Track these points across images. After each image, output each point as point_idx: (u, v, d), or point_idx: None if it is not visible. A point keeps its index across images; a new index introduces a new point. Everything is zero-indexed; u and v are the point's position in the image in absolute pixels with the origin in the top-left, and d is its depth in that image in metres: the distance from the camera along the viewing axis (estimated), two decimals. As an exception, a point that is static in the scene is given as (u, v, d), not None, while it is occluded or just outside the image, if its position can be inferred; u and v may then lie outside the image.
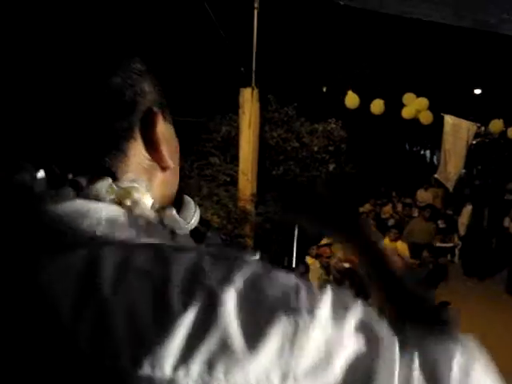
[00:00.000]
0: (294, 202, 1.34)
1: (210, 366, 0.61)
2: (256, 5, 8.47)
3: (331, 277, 10.34)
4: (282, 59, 11.74)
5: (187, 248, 0.73)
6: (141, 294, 0.64)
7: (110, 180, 0.78)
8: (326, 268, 10.14)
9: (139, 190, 0.81)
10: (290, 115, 11.08)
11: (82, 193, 0.75)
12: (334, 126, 11.58)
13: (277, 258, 9.18)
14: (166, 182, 0.91)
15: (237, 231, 8.38)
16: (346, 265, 11.46)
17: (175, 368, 0.61)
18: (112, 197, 0.77)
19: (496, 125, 10.75)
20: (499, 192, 17.93)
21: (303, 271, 9.75)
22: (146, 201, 0.82)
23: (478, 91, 24.12)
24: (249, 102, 8.86)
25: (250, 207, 8.92)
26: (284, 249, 9.67)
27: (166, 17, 10.04)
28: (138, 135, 0.83)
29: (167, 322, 0.62)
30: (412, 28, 12.69)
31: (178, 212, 1.17)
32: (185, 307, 0.63)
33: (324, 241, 11.01)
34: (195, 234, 1.28)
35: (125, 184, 0.80)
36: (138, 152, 0.84)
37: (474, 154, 21.28)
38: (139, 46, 0.88)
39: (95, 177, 0.77)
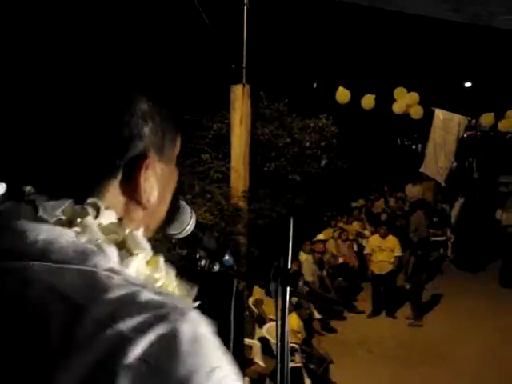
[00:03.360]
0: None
1: None
2: (246, 1, 8.45)
3: (324, 272, 10.36)
4: (272, 55, 11.71)
5: (120, 282, 0.72)
6: (55, 320, 0.66)
7: (68, 201, 0.79)
8: (319, 263, 10.16)
9: (95, 213, 0.81)
10: (281, 111, 11.08)
11: (38, 212, 0.78)
12: (325, 121, 11.60)
13: (271, 254, 9.19)
14: (146, 218, 0.92)
15: (230, 228, 8.37)
16: (340, 259, 11.50)
17: None
18: (61, 217, 0.78)
19: (487, 118, 10.76)
20: (491, 185, 18.01)
21: (296, 268, 9.79)
22: (105, 221, 0.82)
23: (468, 84, 24.18)
24: (240, 98, 8.84)
25: (242, 204, 8.91)
26: (278, 245, 9.68)
27: (156, 14, 10.00)
28: (120, 174, 0.85)
29: (70, 352, 0.64)
30: (402, 23, 12.69)
31: (175, 217, 1.17)
32: (90, 344, 0.64)
33: (318, 236, 11.04)
34: (191, 238, 1.28)
35: (82, 205, 0.80)
36: (115, 188, 0.85)
37: (465, 148, 21.34)
38: (146, 78, 0.89)
39: (55, 197, 0.79)
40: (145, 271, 0.82)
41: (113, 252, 0.78)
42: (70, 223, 0.78)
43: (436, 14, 4.47)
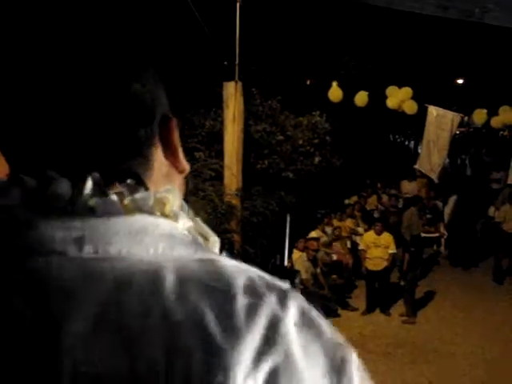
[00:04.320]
0: None
1: (275, 379, 0.65)
2: (238, -2, 8.45)
3: (318, 269, 10.36)
4: (265, 52, 11.70)
5: (234, 266, 0.73)
6: (207, 308, 0.66)
7: (151, 192, 0.77)
8: (312, 261, 10.16)
9: (173, 199, 0.79)
10: (274, 108, 11.07)
11: (128, 204, 0.74)
12: (318, 118, 11.59)
13: (266, 252, 9.20)
14: (181, 185, 0.91)
15: (223, 226, 8.37)
16: (334, 257, 11.50)
17: (245, 378, 0.63)
18: (158, 207, 0.76)
19: (479, 115, 10.78)
20: (484, 181, 18.07)
21: (290, 265, 9.78)
22: (178, 208, 0.80)
23: (461, 81, 24.24)
24: (232, 95, 8.84)
25: (235, 202, 8.90)
26: (273, 243, 9.68)
27: (148, 11, 9.97)
28: (158, 141, 0.83)
29: (236, 335, 0.64)
30: (395, 19, 12.71)
31: None
32: (251, 323, 0.66)
33: (312, 234, 11.04)
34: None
35: (160, 194, 0.78)
36: (158, 158, 0.83)
37: (458, 144, 21.40)
38: (154, 50, 0.88)
39: (132, 186, 0.76)
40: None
41: (201, 239, 0.81)
42: (165, 213, 0.77)
43: (427, 11, 4.46)
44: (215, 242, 0.84)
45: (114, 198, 0.73)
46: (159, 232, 0.72)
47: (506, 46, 14.79)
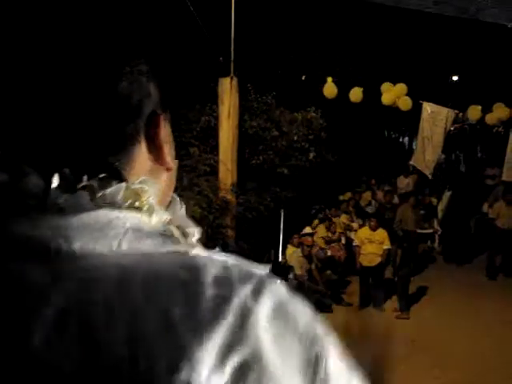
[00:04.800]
0: None
1: (243, 374, 0.64)
2: (233, -6, 8.45)
3: (313, 265, 10.38)
4: (260, 48, 11.70)
5: (208, 257, 0.73)
6: (174, 302, 0.65)
7: (123, 184, 0.77)
8: (307, 257, 10.17)
9: (147, 192, 0.79)
10: (269, 104, 11.07)
11: (98, 199, 0.74)
12: (313, 114, 11.60)
13: (260, 247, 9.21)
14: (168, 183, 0.91)
15: (218, 221, 8.37)
16: (329, 252, 11.52)
17: (210, 374, 0.63)
18: (129, 201, 0.76)
19: (474, 111, 10.81)
20: (478, 178, 18.10)
21: (284, 261, 9.79)
22: (154, 201, 0.80)
23: (455, 78, 24.24)
24: (228, 91, 8.84)
25: (230, 197, 8.91)
26: (267, 238, 9.69)
27: (143, 7, 9.95)
28: (142, 138, 0.83)
29: (202, 330, 0.64)
30: (390, 16, 12.72)
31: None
32: (219, 316, 0.65)
33: (306, 230, 11.05)
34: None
35: (135, 185, 0.78)
36: (142, 155, 0.83)
37: (452, 141, 21.41)
38: (143, 44, 0.88)
39: (105, 180, 0.76)
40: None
41: (177, 232, 0.80)
42: (135, 207, 0.77)
43: (421, 7, 4.47)
44: (194, 233, 0.83)
45: (83, 193, 0.73)
46: (124, 226, 0.72)
47: (500, 43, 14.81)
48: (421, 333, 9.06)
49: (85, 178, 0.74)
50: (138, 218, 0.75)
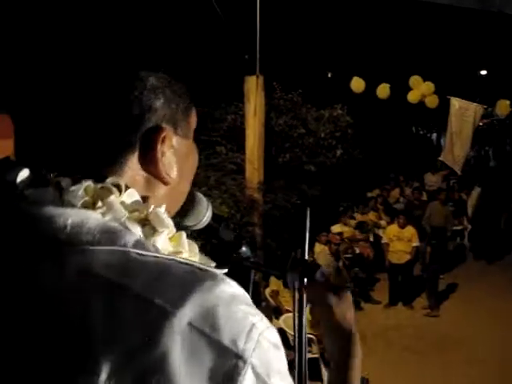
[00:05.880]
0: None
1: (144, 381, 0.65)
2: (258, -8, 8.44)
3: (341, 263, 10.34)
4: (286, 46, 11.69)
5: (151, 259, 0.74)
6: (97, 302, 0.68)
7: (89, 182, 0.80)
8: (335, 254, 10.14)
9: (116, 191, 0.81)
10: (295, 102, 11.06)
11: (63, 196, 0.79)
12: (340, 111, 11.56)
13: (287, 245, 9.20)
14: (168, 194, 0.93)
15: (245, 220, 8.38)
16: (357, 250, 11.47)
17: (110, 377, 0.64)
18: (85, 199, 0.79)
19: (503, 106, 10.68)
20: (507, 173, 17.89)
21: (311, 259, 9.76)
22: (128, 200, 0.83)
23: (483, 72, 23.98)
24: (253, 89, 8.84)
25: (257, 195, 8.91)
26: (294, 236, 9.67)
27: (169, 7, 10.01)
28: (137, 149, 0.85)
29: (115, 333, 0.66)
30: (416, 11, 12.62)
31: (191, 209, 1.18)
32: (135, 321, 0.66)
33: (335, 228, 11.02)
34: (208, 229, 1.28)
35: (103, 185, 0.81)
36: (134, 164, 0.86)
37: (481, 136, 21.20)
38: (155, 54, 0.91)
39: (78, 179, 0.80)
40: (168, 247, 0.84)
41: (137, 230, 0.80)
42: (93, 204, 0.79)
43: (449, 2, 4.43)
44: (164, 233, 0.84)
45: (49, 189, 0.79)
46: (64, 222, 0.74)
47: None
48: (450, 330, 8.99)
49: (53, 175, 0.80)
50: (82, 215, 0.77)
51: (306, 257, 1.37)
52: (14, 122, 0.86)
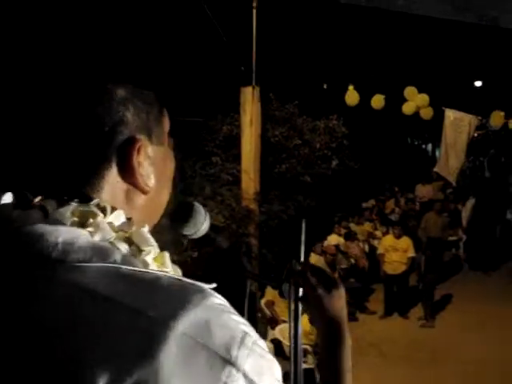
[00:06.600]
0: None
1: None
2: (254, 4, 8.46)
3: (336, 274, 10.35)
4: (281, 57, 11.72)
5: (142, 274, 0.75)
6: (87, 318, 0.69)
7: (75, 204, 0.81)
8: (330, 265, 10.14)
9: (102, 212, 0.82)
10: (291, 113, 11.07)
11: (49, 216, 0.79)
12: (335, 122, 11.57)
13: (283, 256, 9.19)
14: (148, 204, 0.94)
15: (241, 230, 8.37)
16: (352, 261, 11.48)
17: None
18: (75, 219, 0.80)
19: (497, 117, 10.72)
20: (502, 185, 17.93)
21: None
22: (114, 220, 0.84)
23: (478, 84, 24.06)
24: (250, 100, 8.85)
25: (253, 206, 8.91)
26: (290, 246, 9.66)
27: (164, 17, 10.03)
28: (113, 162, 0.86)
29: (107, 345, 0.67)
30: (411, 22, 12.66)
31: (188, 220, 1.19)
32: (127, 335, 0.67)
33: (330, 239, 11.03)
34: (205, 239, 1.29)
35: (89, 207, 0.82)
36: (112, 177, 0.87)
37: (475, 147, 21.23)
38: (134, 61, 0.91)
39: (63, 201, 0.81)
40: (152, 267, 0.84)
41: (125, 248, 0.81)
42: (82, 224, 0.80)
43: (444, 15, 4.46)
44: (149, 251, 0.84)
45: (35, 211, 0.79)
46: (55, 239, 0.75)
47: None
48: (446, 341, 8.99)
49: (38, 198, 0.81)
50: (74, 233, 0.77)
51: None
52: None
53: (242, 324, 0.75)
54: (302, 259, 1.40)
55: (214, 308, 0.73)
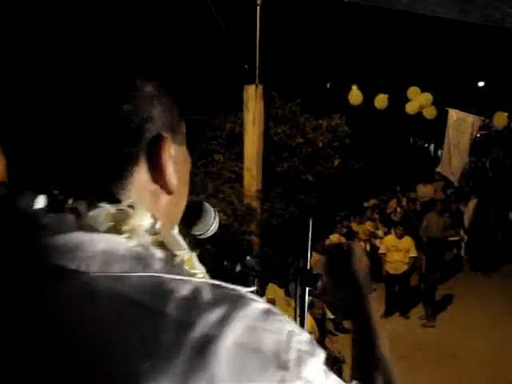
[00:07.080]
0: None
1: None
2: (258, 2, 8.47)
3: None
4: (285, 56, 11.73)
5: (183, 281, 0.74)
6: (133, 330, 0.67)
7: (107, 206, 0.78)
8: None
9: (136, 214, 0.80)
10: (294, 111, 11.08)
11: (81, 221, 0.76)
12: (338, 121, 11.58)
13: (285, 254, 9.20)
14: (172, 204, 0.92)
15: (243, 228, 8.38)
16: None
17: None
18: (109, 224, 0.77)
19: (500, 117, 10.70)
20: (504, 185, 17.91)
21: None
22: (145, 222, 0.81)
23: (481, 84, 24.05)
24: (253, 98, 8.86)
25: (255, 204, 8.92)
26: (292, 245, 9.67)
27: (169, 16, 10.04)
28: (142, 161, 0.84)
29: (158, 359, 0.65)
30: (415, 23, 12.66)
31: (198, 219, 1.19)
32: (177, 345, 0.66)
33: (331, 238, 11.02)
34: (214, 239, 1.30)
35: (121, 207, 0.80)
36: (141, 176, 0.84)
37: (478, 147, 21.21)
38: (151, 61, 0.90)
39: (94, 202, 0.78)
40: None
41: (161, 254, 0.79)
42: (116, 229, 0.77)
43: (448, 16, 4.46)
44: (183, 256, 0.82)
45: (68, 215, 0.76)
46: (93, 249, 0.73)
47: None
48: (447, 341, 8.99)
49: (70, 200, 0.77)
50: (112, 241, 0.76)
51: (309, 266, 1.39)
52: (4, 143, 0.83)
53: (286, 324, 0.75)
54: (309, 257, 1.40)
55: (257, 313, 0.72)
